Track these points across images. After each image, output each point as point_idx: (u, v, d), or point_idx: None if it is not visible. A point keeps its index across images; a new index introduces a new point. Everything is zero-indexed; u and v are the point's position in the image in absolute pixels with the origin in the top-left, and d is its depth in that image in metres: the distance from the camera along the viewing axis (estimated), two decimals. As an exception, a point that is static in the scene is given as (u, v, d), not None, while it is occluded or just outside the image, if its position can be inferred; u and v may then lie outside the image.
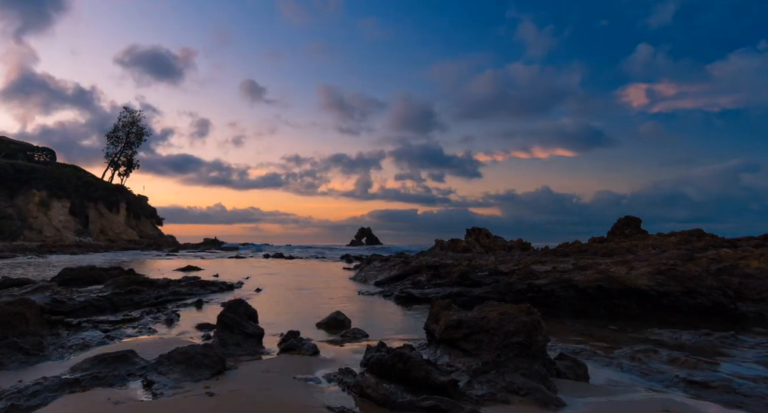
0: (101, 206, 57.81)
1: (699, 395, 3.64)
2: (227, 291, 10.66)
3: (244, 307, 5.19)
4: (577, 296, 8.00)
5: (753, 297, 7.63)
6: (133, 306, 7.83)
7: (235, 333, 4.76)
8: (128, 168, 68.00)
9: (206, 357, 3.68)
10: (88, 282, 9.81)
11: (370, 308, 8.81)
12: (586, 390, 3.60)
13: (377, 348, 3.78)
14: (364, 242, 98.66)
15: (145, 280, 9.17)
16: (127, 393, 3.19)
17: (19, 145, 59.64)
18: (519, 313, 3.94)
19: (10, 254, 29.31)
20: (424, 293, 9.39)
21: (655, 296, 7.50)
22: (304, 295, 10.64)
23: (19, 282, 9.36)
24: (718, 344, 5.47)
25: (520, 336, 3.70)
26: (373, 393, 3.12)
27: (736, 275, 8.25)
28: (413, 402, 2.91)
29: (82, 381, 3.33)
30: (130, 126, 67.37)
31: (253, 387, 3.35)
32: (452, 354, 4.07)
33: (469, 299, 8.37)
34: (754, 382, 3.90)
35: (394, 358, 3.32)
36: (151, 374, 3.53)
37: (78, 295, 7.63)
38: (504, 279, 9.19)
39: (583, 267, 9.18)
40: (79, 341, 4.95)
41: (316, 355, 4.60)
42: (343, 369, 3.79)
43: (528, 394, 3.27)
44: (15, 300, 4.77)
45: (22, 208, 48.97)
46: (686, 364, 4.39)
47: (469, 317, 4.14)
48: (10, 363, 4.06)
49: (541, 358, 3.75)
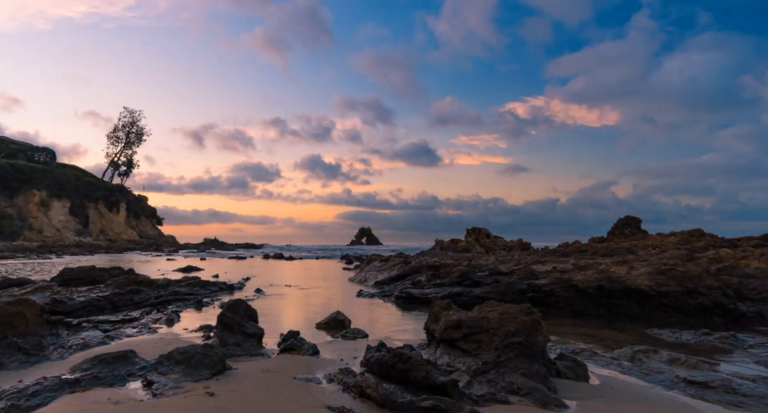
0: (101, 206, 57.82)
1: (699, 395, 3.64)
2: (227, 291, 10.66)
3: (244, 307, 5.19)
4: (577, 296, 8.00)
5: (753, 297, 7.62)
6: (133, 306, 7.83)
7: (235, 333, 4.76)
8: (128, 168, 68.12)
9: (206, 357, 3.68)
10: (88, 282, 9.78)
11: (370, 308, 8.81)
12: (586, 390, 3.60)
13: (377, 348, 3.78)
14: (364, 242, 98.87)
15: (145, 280, 9.16)
16: (127, 393, 3.19)
17: (19, 145, 59.67)
18: (519, 313, 3.94)
19: (10, 254, 29.30)
20: (424, 293, 9.39)
21: (655, 296, 7.50)
22: (304, 295, 10.64)
23: (19, 282, 9.37)
24: (718, 344, 5.47)
25: (520, 336, 3.70)
26: (373, 393, 3.12)
27: (736, 275, 8.25)
28: (413, 402, 2.91)
29: (82, 381, 3.33)
30: (129, 126, 67.48)
31: (253, 387, 3.35)
32: (452, 354, 4.07)
33: (469, 299, 8.37)
34: (754, 382, 3.90)
35: (394, 358, 3.32)
36: (151, 374, 3.53)
37: (78, 295, 7.63)
38: (504, 279, 9.19)
39: (583, 267, 9.18)
40: (79, 341, 4.95)
41: (316, 355, 4.61)
42: (343, 369, 3.79)
43: (528, 394, 3.27)
44: (15, 300, 4.76)
45: (22, 208, 48.98)
46: (686, 364, 4.39)
47: (469, 317, 4.14)
48: (10, 363, 4.06)
49: (541, 358, 3.75)
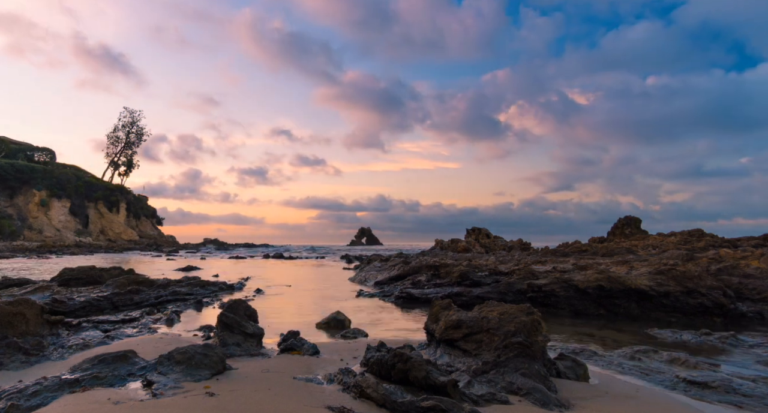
0: (101, 206, 57.83)
1: (699, 395, 3.64)
2: (227, 291, 10.67)
3: (244, 307, 5.18)
4: (577, 296, 8.01)
5: (753, 297, 7.63)
6: (133, 306, 7.82)
7: (235, 332, 4.76)
8: (128, 168, 68.13)
9: (206, 357, 3.68)
10: (88, 282, 9.78)
11: (370, 308, 8.81)
12: (586, 390, 3.60)
13: (377, 348, 3.78)
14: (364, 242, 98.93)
15: (145, 280, 9.16)
16: (127, 393, 3.19)
17: (19, 145, 59.68)
18: (519, 313, 3.94)
19: (10, 254, 29.29)
20: (424, 293, 9.39)
21: (655, 296, 7.50)
22: (304, 295, 10.64)
23: (19, 282, 9.38)
24: (718, 344, 5.47)
25: (520, 336, 3.70)
26: (373, 393, 3.12)
27: (736, 275, 8.24)
28: (413, 402, 2.91)
29: (82, 381, 3.33)
30: (129, 126, 67.49)
31: (253, 387, 3.35)
32: (452, 354, 4.07)
33: (469, 300, 8.37)
34: (754, 382, 3.90)
35: (394, 358, 3.32)
36: (151, 374, 3.53)
37: (78, 295, 7.63)
38: (504, 279, 9.19)
39: (583, 267, 9.19)
40: (79, 341, 4.95)
41: (316, 355, 4.61)
42: (343, 369, 3.79)
43: (528, 394, 3.27)
44: (15, 300, 4.76)
45: (22, 208, 48.98)
46: (686, 364, 4.39)
47: (469, 317, 4.14)
48: (10, 363, 4.06)
49: (541, 358, 3.75)
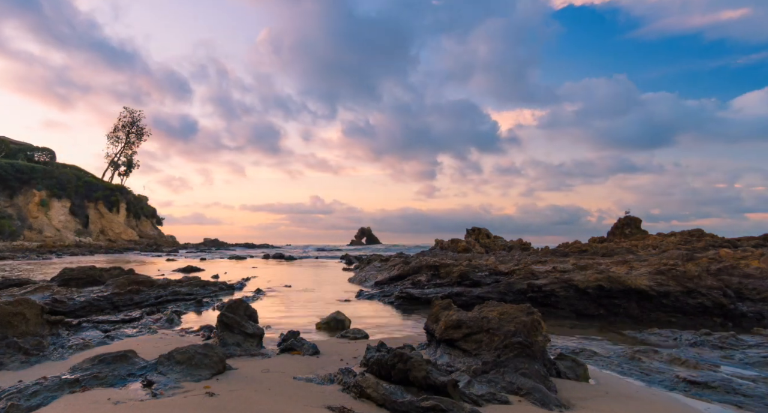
0: (101, 206, 57.83)
1: (699, 395, 3.64)
2: (227, 292, 10.66)
3: (244, 307, 5.18)
4: (577, 296, 8.01)
5: (753, 297, 7.62)
6: (133, 306, 7.82)
7: (235, 332, 4.76)
8: (128, 168, 68.14)
9: (206, 357, 3.68)
10: (88, 282, 9.78)
11: (370, 308, 8.81)
12: (586, 390, 3.60)
13: (377, 348, 3.78)
14: (364, 242, 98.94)
15: (145, 280, 9.15)
16: (127, 393, 3.19)
17: (19, 145, 59.69)
18: (519, 313, 3.94)
19: (10, 254, 29.30)
20: (424, 293, 9.39)
21: (655, 297, 7.50)
22: (304, 295, 10.64)
23: (19, 282, 9.38)
24: (718, 344, 5.47)
25: (520, 336, 3.70)
26: (373, 393, 3.12)
27: (736, 275, 8.24)
28: (413, 402, 2.91)
29: (82, 381, 3.33)
30: (129, 126, 67.51)
31: (253, 387, 3.35)
32: (452, 354, 4.07)
33: (469, 300, 8.37)
34: (754, 382, 3.90)
35: (394, 358, 3.32)
36: (151, 374, 3.53)
37: (78, 295, 7.62)
38: (504, 279, 9.18)
39: (583, 267, 9.18)
40: (79, 341, 4.95)
41: (316, 355, 4.61)
42: (343, 369, 3.79)
43: (528, 394, 3.27)
44: (15, 300, 4.76)
45: (22, 208, 48.99)
46: (686, 364, 4.39)
47: (469, 317, 4.14)
48: (10, 363, 4.06)
49: (541, 358, 3.75)
